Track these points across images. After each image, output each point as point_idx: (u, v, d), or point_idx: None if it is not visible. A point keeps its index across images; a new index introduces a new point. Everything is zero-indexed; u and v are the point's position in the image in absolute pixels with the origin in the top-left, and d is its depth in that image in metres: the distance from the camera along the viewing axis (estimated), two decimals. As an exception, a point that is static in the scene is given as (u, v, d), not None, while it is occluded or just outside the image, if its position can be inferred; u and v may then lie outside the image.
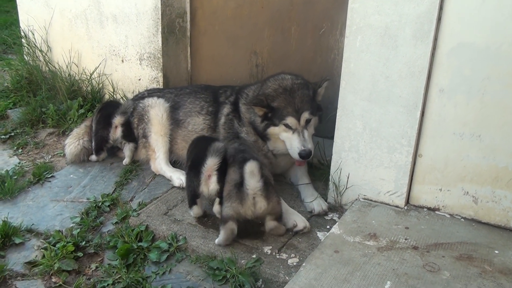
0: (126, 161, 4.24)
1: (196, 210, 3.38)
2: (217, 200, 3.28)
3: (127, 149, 4.25)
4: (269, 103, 3.64)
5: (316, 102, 3.74)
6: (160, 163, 4.07)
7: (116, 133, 4.24)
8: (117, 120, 4.22)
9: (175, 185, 3.87)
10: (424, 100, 3.05)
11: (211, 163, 3.16)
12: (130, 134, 4.25)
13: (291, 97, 3.64)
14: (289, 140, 3.63)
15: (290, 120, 3.59)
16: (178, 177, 3.90)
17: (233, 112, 4.00)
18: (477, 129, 2.97)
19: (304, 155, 3.54)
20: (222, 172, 3.19)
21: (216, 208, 3.32)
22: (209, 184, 3.21)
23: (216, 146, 3.20)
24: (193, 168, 3.29)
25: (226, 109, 4.05)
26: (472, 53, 2.86)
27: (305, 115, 3.60)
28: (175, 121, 4.19)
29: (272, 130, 3.69)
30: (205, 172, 3.19)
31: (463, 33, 2.86)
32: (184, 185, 3.64)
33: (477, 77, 2.88)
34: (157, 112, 4.14)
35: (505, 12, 2.73)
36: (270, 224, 3.17)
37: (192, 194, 3.32)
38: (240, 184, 3.04)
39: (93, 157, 4.32)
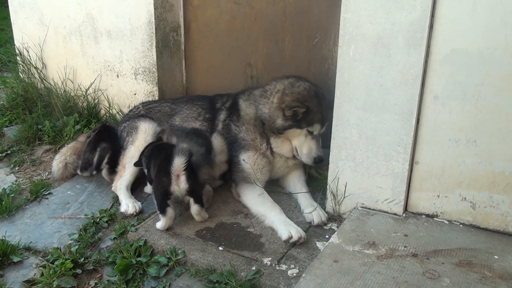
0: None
1: (170, 213, 3.36)
2: (192, 200, 3.43)
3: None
4: (307, 105, 3.66)
5: None
6: (122, 184, 3.95)
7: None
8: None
9: (121, 210, 3.76)
10: (418, 107, 3.06)
11: (178, 162, 3.28)
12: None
13: (321, 104, 3.72)
14: (307, 145, 3.72)
15: (316, 127, 3.70)
16: (127, 204, 3.77)
17: (230, 117, 4.03)
18: (472, 134, 2.98)
19: (319, 161, 3.72)
20: (189, 171, 3.34)
21: (194, 208, 3.44)
22: (180, 184, 3.34)
23: (181, 147, 3.35)
24: (162, 169, 3.38)
25: (223, 115, 4.08)
26: (465, 59, 2.88)
27: (326, 125, 3.71)
28: (171, 128, 4.18)
29: (293, 132, 3.73)
30: (174, 172, 3.31)
31: (455, 39, 2.88)
32: (130, 211, 3.70)
33: (471, 83, 2.90)
34: (146, 126, 4.10)
35: (497, 17, 2.75)
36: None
37: (163, 194, 3.36)
38: (205, 153, 3.65)
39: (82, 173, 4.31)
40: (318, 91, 3.78)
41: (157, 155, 3.60)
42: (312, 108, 3.67)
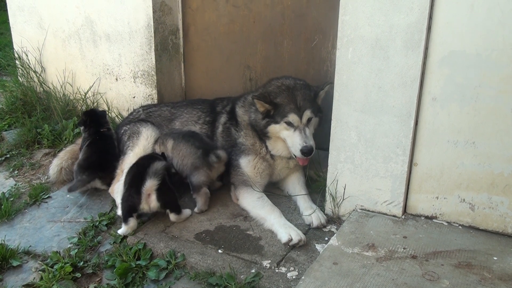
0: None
1: (132, 223, 3.42)
2: (168, 211, 3.50)
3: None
4: (272, 99, 3.70)
5: (318, 103, 3.79)
6: (119, 187, 3.88)
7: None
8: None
9: (118, 213, 3.74)
10: (417, 109, 3.06)
11: (150, 184, 3.37)
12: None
13: (293, 95, 3.71)
14: (290, 137, 3.66)
15: (292, 117, 3.64)
16: None
17: (230, 121, 4.05)
18: (471, 136, 2.98)
19: (306, 151, 3.59)
20: (161, 189, 3.42)
21: (172, 217, 3.52)
22: (150, 202, 3.42)
23: (155, 167, 3.39)
24: (133, 185, 3.43)
25: (223, 118, 4.10)
26: (464, 61, 2.88)
27: (307, 113, 3.66)
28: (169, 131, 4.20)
29: (273, 128, 3.73)
30: (145, 192, 3.39)
31: (453, 41, 2.89)
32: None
33: (469, 85, 2.90)
34: (149, 134, 4.13)
35: (495, 19, 2.76)
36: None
37: (129, 209, 3.41)
38: (203, 155, 3.70)
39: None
40: (291, 85, 3.79)
41: (133, 165, 3.67)
42: (281, 102, 3.69)
